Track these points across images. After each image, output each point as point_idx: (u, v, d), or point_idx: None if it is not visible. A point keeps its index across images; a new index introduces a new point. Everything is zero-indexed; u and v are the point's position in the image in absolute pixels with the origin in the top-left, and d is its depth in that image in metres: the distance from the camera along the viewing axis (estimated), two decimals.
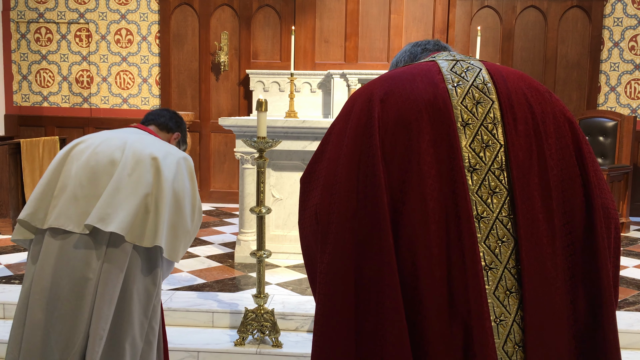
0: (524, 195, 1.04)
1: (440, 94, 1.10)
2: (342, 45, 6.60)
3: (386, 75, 1.20)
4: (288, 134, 4.12)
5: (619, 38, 6.36)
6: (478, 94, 1.12)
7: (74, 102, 6.82)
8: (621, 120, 5.74)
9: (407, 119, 1.07)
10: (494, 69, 1.19)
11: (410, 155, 1.05)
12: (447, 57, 1.22)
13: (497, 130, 1.09)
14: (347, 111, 1.18)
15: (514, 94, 1.12)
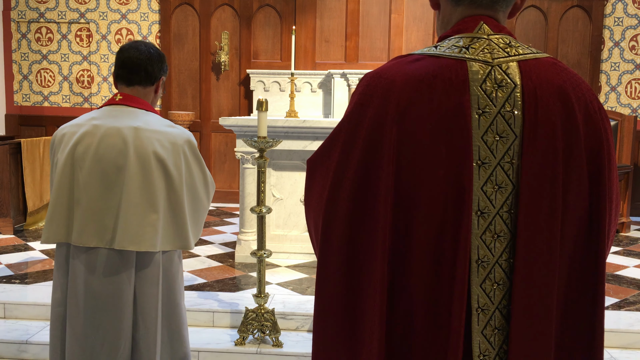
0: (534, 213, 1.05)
1: (464, 124, 1.02)
2: (343, 45, 6.60)
3: (410, 74, 1.05)
4: (288, 133, 4.12)
5: (619, 38, 6.36)
6: (503, 125, 1.03)
7: (74, 102, 6.82)
8: (622, 120, 5.73)
9: (424, 146, 1.02)
10: (531, 87, 1.04)
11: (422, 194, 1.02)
12: (483, 56, 1.05)
13: (512, 170, 1.04)
14: (359, 113, 1.08)
15: (541, 125, 1.03)
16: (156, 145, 1.92)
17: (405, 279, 1.05)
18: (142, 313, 1.97)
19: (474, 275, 1.04)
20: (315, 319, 1.14)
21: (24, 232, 5.04)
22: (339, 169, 1.08)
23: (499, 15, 1.11)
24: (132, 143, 1.89)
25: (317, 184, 1.15)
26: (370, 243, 1.04)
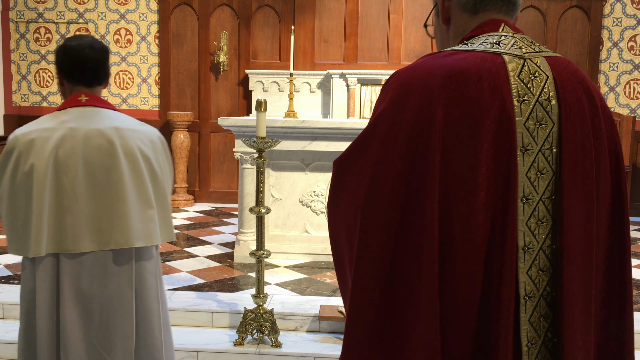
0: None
1: (507, 111, 1.04)
2: (342, 45, 6.61)
3: (449, 66, 1.06)
4: (287, 134, 4.12)
5: (618, 38, 6.37)
6: (541, 113, 1.07)
7: None
8: (620, 120, 5.74)
9: (469, 135, 1.03)
10: (561, 78, 1.10)
11: (468, 182, 1.03)
12: (514, 50, 1.10)
13: (552, 157, 1.08)
14: (399, 104, 1.07)
15: (574, 113, 1.09)
16: (139, 143, 1.94)
17: (451, 265, 1.04)
18: (145, 306, 1.99)
19: (520, 262, 1.05)
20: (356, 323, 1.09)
21: None
22: (379, 166, 1.06)
23: (512, 21, 1.20)
24: (118, 143, 1.89)
25: (350, 184, 1.12)
26: (419, 239, 1.02)
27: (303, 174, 4.27)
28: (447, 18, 1.21)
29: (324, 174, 4.25)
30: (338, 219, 1.17)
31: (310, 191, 4.28)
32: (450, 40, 1.22)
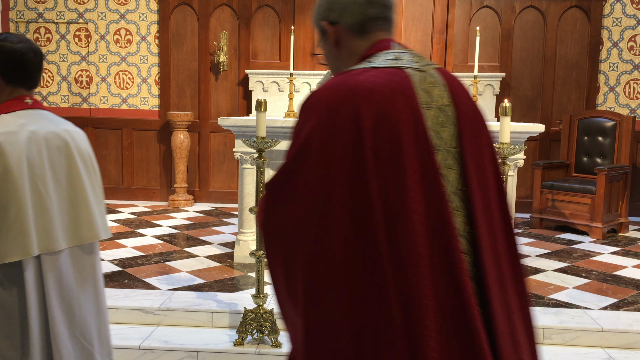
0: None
1: (419, 118, 1.18)
2: None
3: (366, 83, 1.18)
4: (287, 133, 4.12)
5: (618, 38, 6.36)
6: (443, 117, 1.22)
7: (73, 102, 6.82)
8: (620, 120, 5.74)
9: (394, 142, 1.14)
10: (452, 86, 1.26)
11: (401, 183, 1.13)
12: (412, 64, 1.24)
13: (457, 154, 1.22)
14: (328, 123, 1.15)
15: (466, 115, 1.25)
16: (85, 144, 2.07)
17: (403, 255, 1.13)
18: (100, 292, 2.16)
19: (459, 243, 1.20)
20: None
21: None
22: (319, 187, 1.14)
23: (392, 37, 1.35)
24: (72, 144, 1.99)
25: (288, 206, 1.19)
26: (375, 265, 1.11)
27: None
28: (337, 41, 1.33)
29: None
30: (274, 243, 1.24)
31: None
32: (344, 60, 1.33)
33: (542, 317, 3.24)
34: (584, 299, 3.59)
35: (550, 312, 3.32)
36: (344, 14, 1.31)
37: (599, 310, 3.40)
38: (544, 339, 3.11)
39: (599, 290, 3.79)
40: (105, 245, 4.64)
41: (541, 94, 6.47)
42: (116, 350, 2.92)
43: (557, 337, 3.11)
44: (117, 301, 3.31)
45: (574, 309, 3.41)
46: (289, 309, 1.25)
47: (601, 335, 3.10)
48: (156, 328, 3.18)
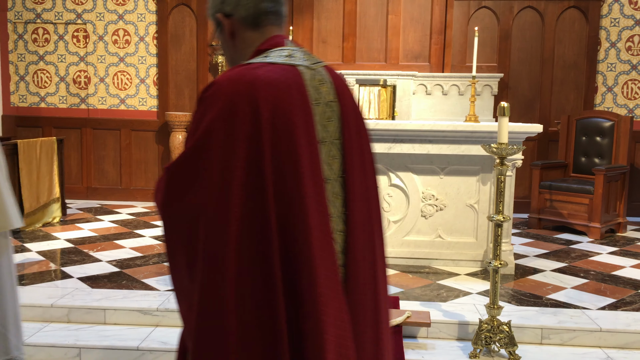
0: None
1: (309, 112, 1.31)
2: (340, 46, 6.61)
3: (264, 77, 1.28)
4: None
5: (615, 38, 6.38)
6: (329, 112, 1.36)
7: (71, 103, 6.81)
8: (618, 120, 5.75)
9: (289, 132, 1.27)
10: (337, 84, 1.40)
11: (295, 167, 1.26)
12: (304, 62, 1.36)
13: (339, 146, 1.37)
14: (230, 112, 1.25)
15: (349, 111, 1.40)
16: None
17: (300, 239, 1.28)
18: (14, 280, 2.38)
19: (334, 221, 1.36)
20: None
21: (20, 234, 5.02)
22: (223, 172, 1.24)
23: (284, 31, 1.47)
24: None
25: (190, 190, 1.28)
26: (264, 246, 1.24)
27: None
28: (232, 32, 1.42)
29: None
30: (177, 223, 1.33)
31: None
32: (240, 52, 1.42)
33: (541, 317, 3.25)
34: (582, 299, 3.59)
35: (549, 312, 3.33)
36: (237, 7, 1.40)
37: (597, 310, 3.40)
38: (542, 339, 3.11)
39: (597, 290, 3.80)
40: (103, 246, 4.64)
41: (539, 94, 6.48)
42: (115, 351, 2.93)
43: (555, 337, 3.12)
44: (116, 302, 3.31)
45: (572, 309, 3.41)
46: (186, 285, 1.33)
47: (599, 335, 3.11)
48: (155, 329, 3.18)
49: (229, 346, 1.23)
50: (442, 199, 4.22)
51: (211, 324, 1.24)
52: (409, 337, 3.13)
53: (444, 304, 3.43)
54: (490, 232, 4.14)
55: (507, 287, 3.80)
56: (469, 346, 3.00)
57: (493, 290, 2.95)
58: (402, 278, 3.97)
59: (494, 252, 2.97)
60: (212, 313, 1.24)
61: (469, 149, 4.06)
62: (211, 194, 1.24)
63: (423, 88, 6.37)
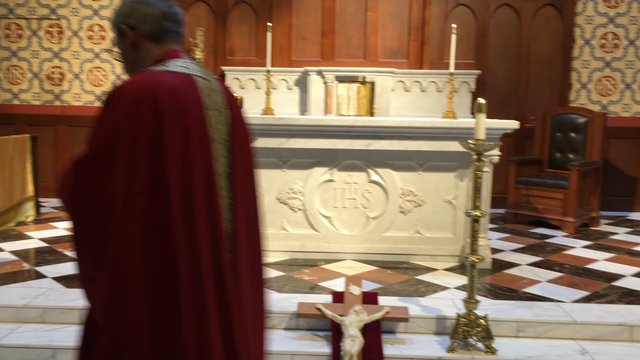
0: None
1: (203, 116, 1.51)
2: (319, 42, 6.60)
3: (165, 83, 1.46)
4: (265, 131, 4.11)
5: (590, 36, 6.48)
6: (220, 117, 1.57)
7: (45, 100, 6.69)
8: (592, 116, 5.85)
9: (185, 133, 1.45)
10: (226, 94, 1.62)
11: (187, 164, 1.45)
12: (198, 73, 1.56)
13: (228, 146, 1.58)
14: (136, 113, 1.40)
15: (237, 117, 1.62)
16: None
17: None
18: None
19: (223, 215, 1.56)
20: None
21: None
22: (130, 167, 1.39)
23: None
24: None
25: (102, 188, 1.41)
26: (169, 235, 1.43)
27: (280, 172, 4.26)
28: (135, 43, 1.59)
29: (302, 171, 4.25)
30: (84, 215, 1.44)
31: (287, 188, 4.27)
32: (141, 60, 1.59)
33: (516, 310, 3.29)
34: (557, 292, 3.65)
35: (524, 306, 3.38)
36: (142, 23, 1.58)
37: (572, 303, 3.47)
38: (518, 332, 3.16)
39: (571, 283, 3.87)
40: None
41: (515, 90, 6.56)
42: None
43: (531, 330, 3.17)
44: None
45: (547, 302, 3.47)
46: (92, 272, 1.46)
47: (573, 327, 3.17)
48: None
49: (137, 315, 1.41)
50: (420, 195, 4.25)
51: (121, 296, 1.40)
52: (387, 333, 3.15)
53: (422, 299, 3.46)
54: (467, 228, 4.18)
55: (484, 282, 3.84)
56: (446, 340, 3.03)
57: (470, 285, 2.98)
58: (381, 274, 3.99)
59: (471, 247, 3.00)
60: (121, 289, 1.39)
61: (447, 145, 4.10)
62: (118, 186, 1.39)
63: (402, 85, 6.40)
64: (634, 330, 3.14)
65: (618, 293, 3.67)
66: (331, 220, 4.30)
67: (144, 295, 1.40)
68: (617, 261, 4.46)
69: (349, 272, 4.01)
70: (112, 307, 1.41)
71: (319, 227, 4.29)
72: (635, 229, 5.66)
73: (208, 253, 1.47)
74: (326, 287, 3.66)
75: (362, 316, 2.98)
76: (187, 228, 1.44)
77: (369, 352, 2.86)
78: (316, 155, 4.22)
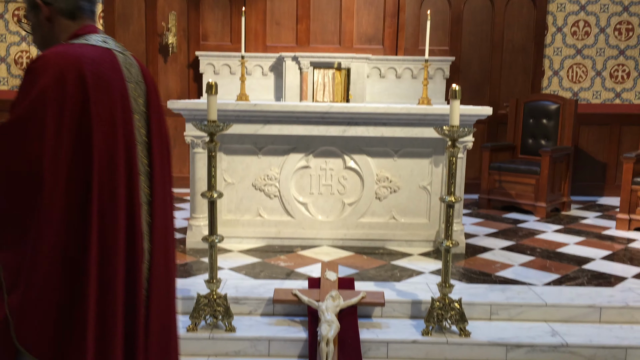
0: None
1: (124, 88, 1.60)
2: (294, 28, 6.54)
3: (87, 54, 1.53)
4: (240, 117, 4.07)
5: (562, 23, 6.57)
6: (138, 90, 1.65)
7: (12, 85, 6.51)
8: (563, 103, 5.95)
9: (108, 102, 1.54)
10: (142, 68, 1.70)
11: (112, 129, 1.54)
12: (117, 49, 1.65)
13: (146, 118, 1.67)
14: (60, 82, 1.45)
15: (151, 90, 1.70)
16: None
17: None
18: None
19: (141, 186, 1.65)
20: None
21: None
22: (55, 136, 1.44)
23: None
24: None
25: (29, 150, 1.45)
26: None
27: (256, 158, 4.24)
28: (49, 18, 1.63)
29: (278, 158, 4.23)
30: (7, 179, 1.47)
31: (263, 175, 4.25)
32: (55, 35, 1.64)
33: (490, 293, 3.35)
34: (528, 276, 3.73)
35: (497, 289, 3.44)
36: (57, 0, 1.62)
37: (543, 286, 3.54)
38: (491, 315, 3.22)
39: (542, 267, 3.95)
40: None
41: (489, 77, 6.62)
42: None
43: (503, 312, 3.23)
44: None
45: (520, 285, 3.54)
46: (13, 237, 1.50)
47: (545, 309, 3.24)
48: None
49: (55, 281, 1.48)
50: (395, 181, 4.28)
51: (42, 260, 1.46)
52: (364, 317, 3.17)
53: (398, 283, 3.50)
54: (442, 213, 4.23)
55: (458, 266, 3.90)
56: (421, 324, 3.07)
57: (445, 270, 3.02)
58: (357, 259, 4.02)
59: (446, 233, 3.03)
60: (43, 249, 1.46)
61: (422, 132, 4.12)
62: (45, 150, 1.44)
63: (377, 71, 6.40)
64: (603, 311, 3.23)
65: (588, 276, 3.76)
66: (307, 206, 4.30)
67: (61, 260, 1.47)
68: (586, 245, 4.57)
69: (325, 257, 4.02)
70: (35, 268, 1.46)
71: (295, 214, 4.29)
72: (604, 214, 5.80)
73: (123, 215, 1.55)
74: (302, 273, 3.67)
75: (339, 301, 3.00)
76: (109, 191, 1.52)
77: (346, 336, 2.88)
78: (292, 141, 4.20)
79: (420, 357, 2.95)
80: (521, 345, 2.97)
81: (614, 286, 3.56)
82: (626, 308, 3.24)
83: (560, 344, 2.97)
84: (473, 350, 2.95)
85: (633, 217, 5.05)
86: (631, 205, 5.06)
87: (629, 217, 5.06)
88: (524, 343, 2.97)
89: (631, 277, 3.76)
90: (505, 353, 2.96)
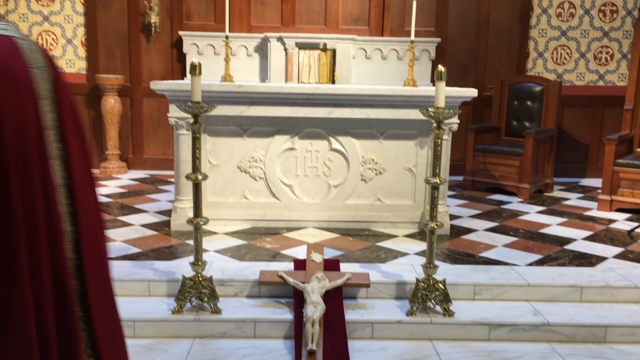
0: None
1: (29, 74, 1.60)
2: (279, 8, 6.46)
3: None
4: (224, 98, 4.02)
5: (547, 4, 6.56)
6: (43, 75, 1.65)
7: None
8: (547, 85, 5.98)
9: (15, 88, 1.54)
10: (43, 53, 1.70)
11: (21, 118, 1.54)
12: (18, 35, 1.66)
13: (54, 101, 1.66)
14: None
15: (56, 74, 1.69)
16: None
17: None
18: None
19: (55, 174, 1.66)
20: None
21: None
22: None
23: None
24: None
25: None
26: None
27: (241, 140, 4.21)
28: None
29: (263, 140, 4.21)
30: None
31: (248, 157, 4.23)
32: None
33: (473, 274, 3.39)
34: (511, 256, 3.78)
35: (481, 270, 3.48)
36: None
37: (526, 266, 3.59)
38: (475, 295, 3.26)
39: (525, 247, 4.00)
40: None
41: (475, 59, 6.61)
42: None
43: (486, 292, 3.27)
44: None
45: (503, 265, 3.58)
46: None
47: (527, 289, 3.29)
48: None
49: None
50: (381, 163, 4.28)
51: None
52: (349, 298, 3.20)
53: (383, 265, 3.52)
54: (427, 195, 4.25)
55: (442, 247, 3.93)
56: (406, 304, 3.10)
57: (429, 251, 3.04)
58: (343, 241, 4.03)
59: (431, 214, 3.05)
60: None
61: (408, 114, 4.12)
62: None
63: (363, 52, 6.36)
64: (584, 291, 3.29)
65: (569, 256, 3.82)
66: (293, 188, 4.29)
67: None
68: (569, 226, 4.63)
69: (311, 239, 4.03)
70: None
71: (280, 196, 4.28)
72: (586, 195, 5.87)
73: (41, 200, 1.58)
74: (288, 255, 3.68)
75: (324, 283, 3.01)
76: (23, 178, 1.55)
77: (331, 317, 2.90)
78: (277, 123, 4.17)
79: (405, 337, 2.98)
80: (504, 325, 3.01)
81: (595, 266, 3.63)
82: (606, 287, 3.30)
83: (542, 323, 3.02)
84: (457, 330, 3.00)
85: (614, 198, 5.13)
86: (613, 186, 5.13)
87: (610, 198, 5.14)
88: (507, 322, 3.02)
89: (612, 257, 3.83)
90: (488, 332, 3.01)
